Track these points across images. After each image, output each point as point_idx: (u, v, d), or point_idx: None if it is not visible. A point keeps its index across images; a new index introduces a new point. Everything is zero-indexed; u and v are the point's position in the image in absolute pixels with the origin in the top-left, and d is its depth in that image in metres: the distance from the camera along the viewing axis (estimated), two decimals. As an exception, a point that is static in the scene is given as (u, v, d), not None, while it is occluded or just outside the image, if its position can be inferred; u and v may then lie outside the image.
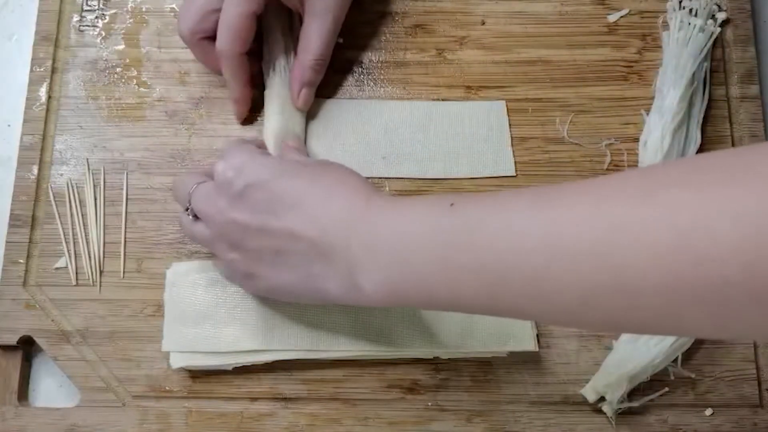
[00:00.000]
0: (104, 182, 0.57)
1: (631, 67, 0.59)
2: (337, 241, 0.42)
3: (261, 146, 0.53)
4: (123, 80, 0.60)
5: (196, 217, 0.48)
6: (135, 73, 0.60)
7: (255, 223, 0.44)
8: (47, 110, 0.59)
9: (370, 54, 0.60)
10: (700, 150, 0.56)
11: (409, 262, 0.39)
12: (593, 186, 0.35)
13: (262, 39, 0.56)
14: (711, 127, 0.57)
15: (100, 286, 0.55)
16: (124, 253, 0.56)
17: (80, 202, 0.56)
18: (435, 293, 0.39)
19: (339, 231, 0.42)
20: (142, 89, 0.59)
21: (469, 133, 0.57)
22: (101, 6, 0.61)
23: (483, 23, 0.60)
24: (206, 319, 0.52)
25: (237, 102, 0.57)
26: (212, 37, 0.53)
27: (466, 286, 0.37)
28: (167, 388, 0.53)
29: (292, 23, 0.57)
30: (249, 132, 0.58)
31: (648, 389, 0.52)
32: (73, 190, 0.57)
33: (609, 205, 0.33)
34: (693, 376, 0.52)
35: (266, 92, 0.57)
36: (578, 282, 0.33)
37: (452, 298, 0.39)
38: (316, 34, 0.54)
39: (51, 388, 0.55)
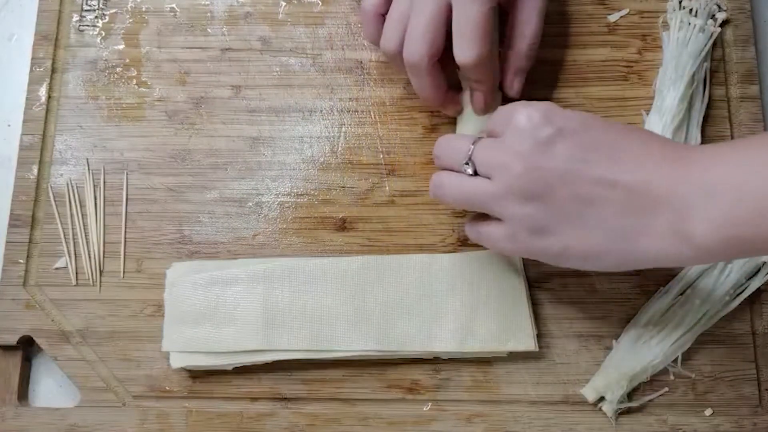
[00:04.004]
0: (104, 182, 0.57)
1: (631, 67, 0.59)
2: (663, 188, 0.40)
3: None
4: (123, 80, 0.60)
5: (474, 173, 0.46)
6: (135, 73, 0.60)
7: (567, 170, 0.42)
8: (47, 110, 0.59)
9: (370, 54, 0.60)
10: (700, 150, 0.56)
11: (764, 196, 0.37)
12: None
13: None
14: (711, 127, 0.57)
15: (100, 286, 0.55)
16: (124, 253, 0.56)
17: (80, 202, 0.56)
18: None
19: (665, 178, 0.40)
20: (142, 89, 0.59)
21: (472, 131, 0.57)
22: (101, 6, 0.61)
23: (483, 23, 0.60)
24: (206, 319, 0.52)
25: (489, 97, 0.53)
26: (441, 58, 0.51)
27: None
28: (167, 388, 0.53)
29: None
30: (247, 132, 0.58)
31: (648, 389, 0.52)
32: (73, 190, 0.57)
33: None
34: (693, 376, 0.52)
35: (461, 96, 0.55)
36: None
37: None
38: (532, 20, 0.53)
39: (51, 388, 0.55)
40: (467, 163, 0.46)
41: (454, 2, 0.49)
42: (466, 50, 0.49)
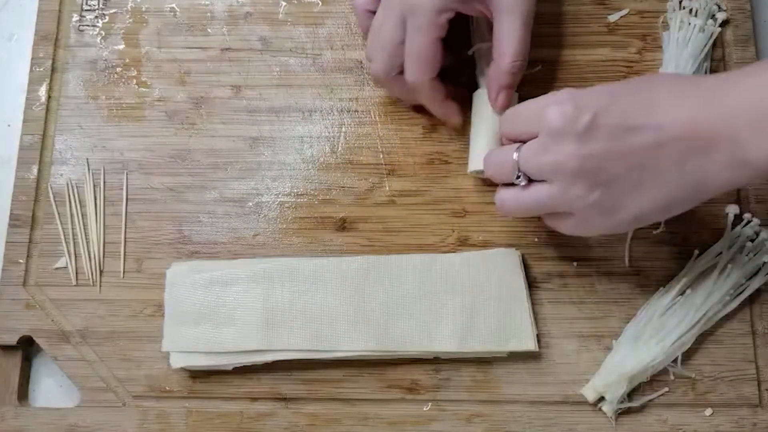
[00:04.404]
0: (104, 182, 0.57)
1: (631, 67, 0.59)
2: (711, 127, 0.42)
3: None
4: (123, 80, 0.60)
5: (529, 182, 0.47)
6: (135, 73, 0.60)
7: (615, 147, 0.43)
8: (47, 110, 0.59)
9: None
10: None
11: None
12: None
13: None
14: (711, 127, 0.57)
15: (100, 286, 0.55)
16: (124, 253, 0.56)
17: (80, 202, 0.56)
18: None
19: (708, 116, 0.42)
20: (142, 89, 0.59)
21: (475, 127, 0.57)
22: (101, 6, 0.61)
23: (483, 23, 0.60)
24: (206, 319, 0.52)
25: (447, 117, 0.56)
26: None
27: None
28: (167, 388, 0.53)
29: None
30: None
31: (648, 389, 0.52)
32: (73, 190, 0.57)
33: None
34: (693, 376, 0.52)
35: (474, 94, 0.56)
36: None
37: None
38: (508, 34, 0.51)
39: (51, 388, 0.55)
40: (519, 177, 0.47)
41: (407, 28, 0.51)
42: (409, 73, 0.52)
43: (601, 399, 0.52)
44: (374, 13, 0.54)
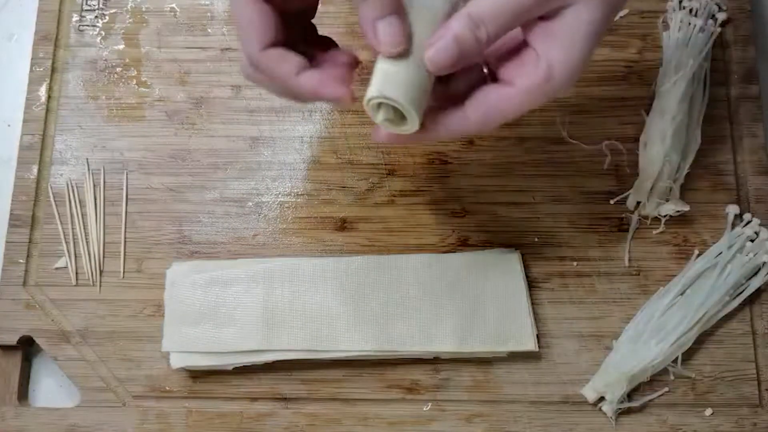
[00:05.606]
0: (104, 182, 0.57)
1: (631, 67, 0.59)
2: None
3: None
4: (123, 80, 0.60)
5: None
6: (135, 73, 0.60)
7: None
8: (47, 110, 0.59)
9: (370, 54, 0.60)
10: (700, 150, 0.56)
11: None
12: None
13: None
14: (711, 127, 0.57)
15: (100, 286, 0.55)
16: (124, 253, 0.56)
17: (80, 202, 0.56)
18: None
19: None
20: (142, 89, 0.59)
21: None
22: (101, 6, 0.61)
23: (483, 23, 0.60)
24: (206, 319, 0.52)
25: (320, 96, 0.43)
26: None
27: None
28: (167, 388, 0.53)
29: None
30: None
31: (648, 389, 0.52)
32: (73, 190, 0.57)
33: None
34: (693, 376, 0.52)
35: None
36: None
37: None
38: None
39: (51, 388, 0.55)
40: None
41: None
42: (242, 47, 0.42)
43: (601, 399, 0.52)
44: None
